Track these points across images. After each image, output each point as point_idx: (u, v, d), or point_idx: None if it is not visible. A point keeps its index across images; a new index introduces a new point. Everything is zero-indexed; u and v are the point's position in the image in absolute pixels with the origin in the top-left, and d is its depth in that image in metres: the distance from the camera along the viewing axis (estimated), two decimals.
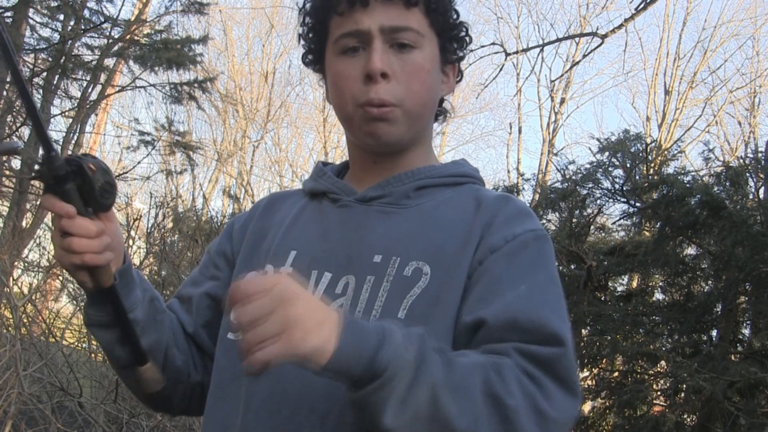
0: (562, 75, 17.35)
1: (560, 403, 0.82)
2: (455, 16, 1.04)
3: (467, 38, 1.07)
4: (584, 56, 7.97)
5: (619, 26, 5.49)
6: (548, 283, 0.91)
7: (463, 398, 0.77)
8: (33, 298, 4.34)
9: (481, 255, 0.92)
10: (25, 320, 4.18)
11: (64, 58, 7.80)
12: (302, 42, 1.07)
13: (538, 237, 0.94)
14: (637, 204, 5.05)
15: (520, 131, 18.58)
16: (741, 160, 5.32)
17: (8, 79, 7.30)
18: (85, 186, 0.87)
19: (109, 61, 9.12)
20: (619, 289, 5.70)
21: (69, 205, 0.85)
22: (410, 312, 0.90)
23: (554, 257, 0.96)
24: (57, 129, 9.37)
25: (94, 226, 0.88)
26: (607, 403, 4.91)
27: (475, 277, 0.91)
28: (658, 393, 4.91)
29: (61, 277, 5.10)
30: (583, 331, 4.87)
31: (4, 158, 6.91)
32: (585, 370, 4.98)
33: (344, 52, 0.99)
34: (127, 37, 8.33)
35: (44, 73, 7.74)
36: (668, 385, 4.66)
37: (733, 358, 4.51)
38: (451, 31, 1.04)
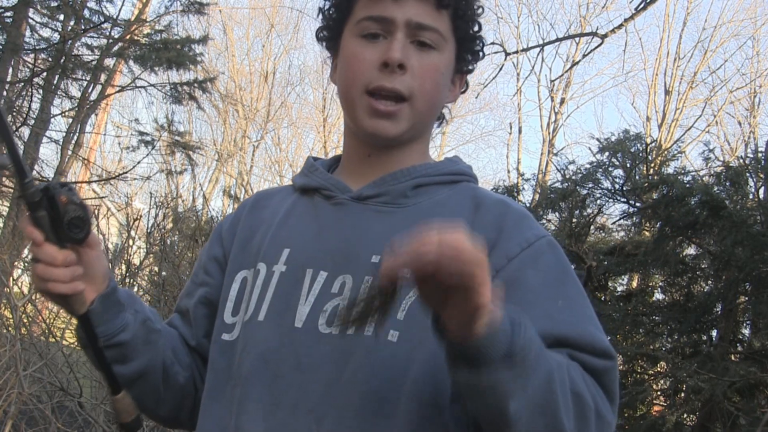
0: (562, 75, 17.36)
1: (608, 410, 0.84)
2: (477, 29, 1.04)
3: (481, 53, 1.07)
4: (584, 56, 7.97)
5: (619, 26, 5.48)
6: (581, 296, 0.92)
7: (561, 392, 0.78)
8: (33, 298, 4.33)
9: (496, 262, 0.90)
10: (25, 320, 4.18)
11: (64, 58, 7.80)
12: (321, 15, 1.06)
13: (551, 243, 0.95)
14: (637, 204, 5.04)
15: (520, 131, 18.62)
16: (741, 160, 5.31)
17: (8, 79, 7.30)
18: (56, 216, 0.86)
19: (109, 61, 9.14)
20: (619, 289, 5.71)
21: (37, 232, 0.86)
22: (409, 314, 0.89)
23: (569, 262, 0.97)
24: (57, 129, 9.39)
25: (60, 255, 0.87)
26: None
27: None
28: (658, 393, 4.90)
29: None
30: None
31: None
32: None
33: (364, 35, 0.98)
34: (127, 37, 8.34)
35: (44, 73, 7.74)
36: (668, 385, 4.66)
37: (733, 358, 4.51)
38: (469, 42, 1.04)
